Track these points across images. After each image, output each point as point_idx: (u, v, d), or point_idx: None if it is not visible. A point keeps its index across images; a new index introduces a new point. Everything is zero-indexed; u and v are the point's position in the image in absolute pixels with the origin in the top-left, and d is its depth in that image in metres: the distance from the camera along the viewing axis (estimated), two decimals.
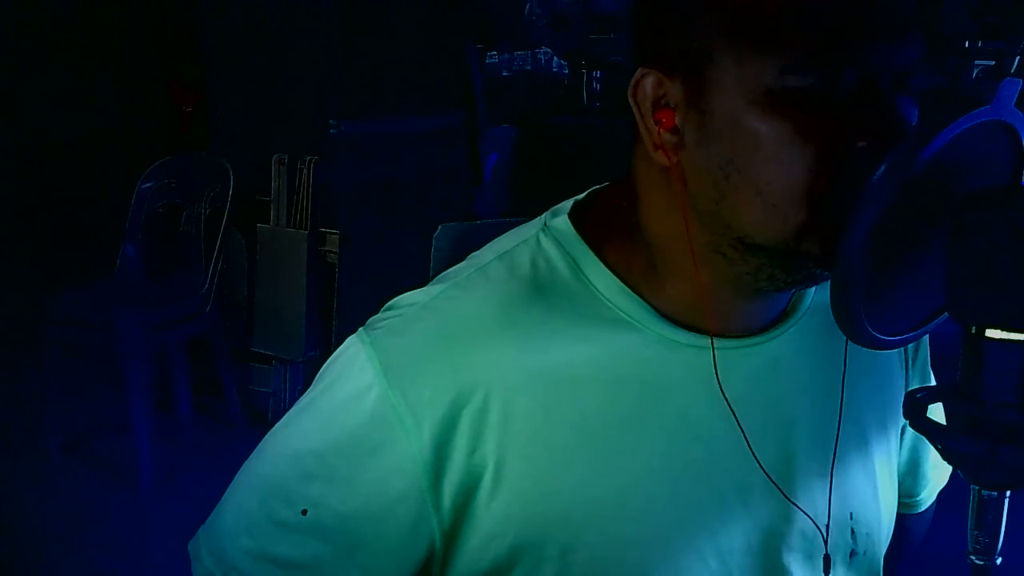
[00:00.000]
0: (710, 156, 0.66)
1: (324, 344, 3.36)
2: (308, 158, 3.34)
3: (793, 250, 0.65)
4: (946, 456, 0.62)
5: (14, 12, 3.78)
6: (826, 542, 0.77)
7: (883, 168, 0.59)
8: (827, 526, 0.77)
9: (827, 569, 0.78)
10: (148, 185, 3.46)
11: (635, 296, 0.72)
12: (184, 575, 0.76)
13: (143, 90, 4.11)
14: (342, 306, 3.41)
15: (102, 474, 3.17)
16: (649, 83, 0.68)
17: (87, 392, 3.31)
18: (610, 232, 0.74)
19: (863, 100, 0.62)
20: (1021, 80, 0.61)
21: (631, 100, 0.69)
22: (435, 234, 1.06)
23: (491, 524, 0.70)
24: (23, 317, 3.24)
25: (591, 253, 0.74)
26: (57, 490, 3.06)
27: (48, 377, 3.16)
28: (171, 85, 4.14)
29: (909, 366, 0.88)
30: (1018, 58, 4.44)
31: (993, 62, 4.61)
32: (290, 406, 0.77)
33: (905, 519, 0.95)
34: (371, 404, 0.69)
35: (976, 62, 4.65)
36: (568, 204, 0.78)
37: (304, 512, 0.70)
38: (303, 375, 3.37)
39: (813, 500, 0.77)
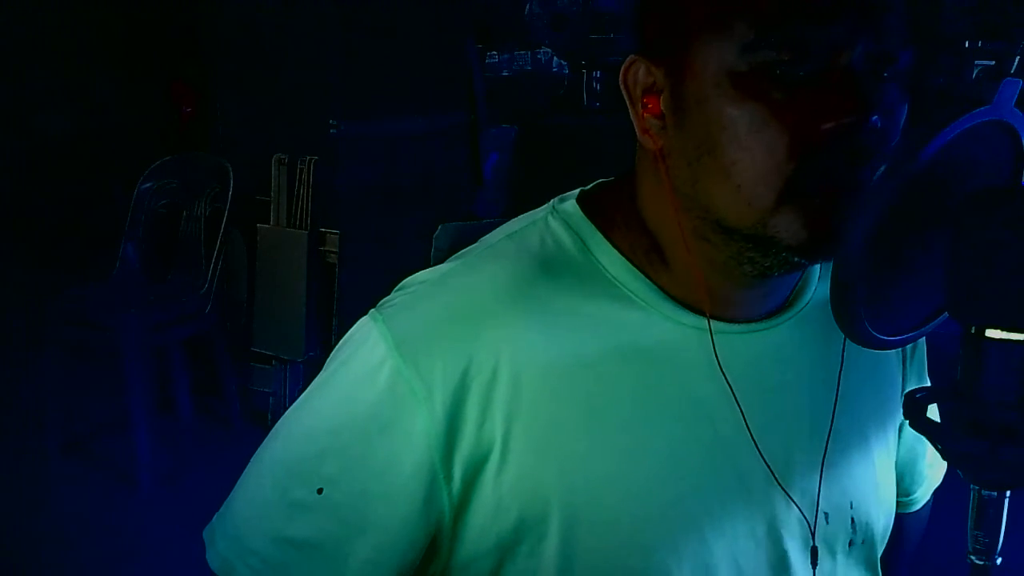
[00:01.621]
0: (685, 140, 0.67)
1: (324, 344, 3.36)
2: (308, 158, 3.34)
3: (762, 235, 0.66)
4: (946, 456, 0.62)
5: (14, 12, 3.78)
6: (813, 534, 0.78)
7: (883, 168, 0.59)
8: (815, 517, 0.78)
9: (815, 561, 0.78)
10: (148, 185, 3.46)
11: (641, 276, 0.74)
12: (184, 574, 0.76)
13: (143, 90, 4.12)
14: (342, 306, 3.41)
15: (102, 474, 3.17)
16: (640, 70, 0.70)
17: (87, 392, 3.31)
18: (615, 218, 0.76)
19: (827, 80, 0.63)
20: (1021, 80, 0.61)
21: (622, 86, 0.71)
22: (435, 234, 1.06)
23: (498, 499, 0.70)
24: (23, 317, 3.24)
25: (598, 233, 0.75)
26: (57, 490, 3.06)
27: (48, 377, 3.16)
28: (171, 85, 4.15)
29: (907, 365, 0.88)
30: (1018, 58, 4.44)
31: (993, 62, 4.61)
32: (290, 406, 0.77)
33: (901, 518, 0.96)
34: (385, 379, 0.69)
35: (976, 62, 4.65)
36: (575, 192, 0.79)
37: (320, 491, 0.70)
38: (303, 375, 3.37)
39: (810, 491, 0.78)
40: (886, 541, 0.86)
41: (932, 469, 0.96)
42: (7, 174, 3.71)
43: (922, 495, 0.97)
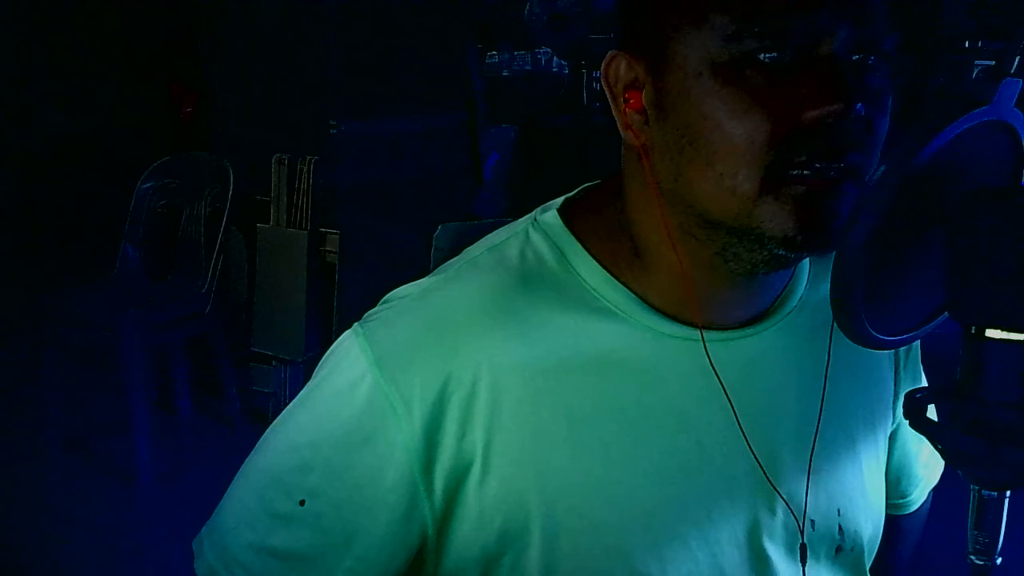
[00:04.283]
0: (667, 133, 0.67)
1: (324, 344, 3.35)
2: (308, 158, 3.34)
3: (747, 226, 0.65)
4: (946, 456, 0.62)
5: (14, 12, 3.78)
6: (802, 532, 0.78)
7: (883, 168, 0.59)
8: (803, 518, 0.78)
9: (803, 559, 0.78)
10: (148, 185, 3.45)
11: (621, 287, 0.73)
12: (184, 574, 0.76)
13: (143, 90, 4.11)
14: (342, 306, 3.41)
15: (102, 474, 3.17)
16: (621, 66, 0.70)
17: (87, 392, 3.31)
18: (598, 225, 0.76)
19: (809, 68, 0.62)
20: (1021, 80, 0.61)
21: (603, 83, 0.71)
22: (435, 234, 1.06)
23: (480, 510, 0.71)
24: (23, 317, 3.24)
25: (578, 245, 0.75)
26: (57, 490, 3.06)
27: (48, 377, 3.16)
28: (171, 86, 4.14)
29: (901, 367, 0.88)
30: (1018, 58, 4.43)
31: (993, 62, 4.60)
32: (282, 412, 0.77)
33: (899, 519, 0.96)
34: (364, 394, 0.70)
35: (976, 62, 4.65)
36: (559, 201, 0.79)
37: (302, 503, 0.71)
38: (303, 375, 3.37)
39: (797, 495, 0.78)
40: (875, 549, 0.86)
41: (927, 469, 0.95)
42: (8, 174, 3.71)
43: (918, 496, 0.97)
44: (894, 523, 0.93)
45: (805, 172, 0.63)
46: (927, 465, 0.95)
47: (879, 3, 0.64)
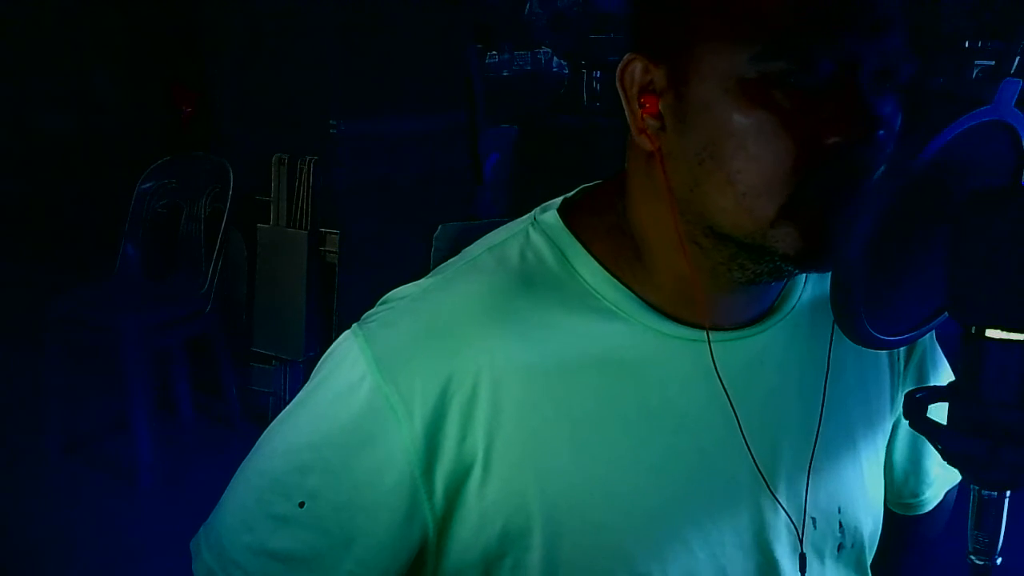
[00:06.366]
0: (686, 142, 0.67)
1: (324, 344, 3.34)
2: (308, 158, 3.34)
3: (759, 244, 0.66)
4: (946, 456, 0.62)
5: (14, 12, 3.78)
6: (801, 540, 0.78)
7: (883, 168, 0.59)
8: (803, 521, 0.78)
9: (803, 567, 0.78)
10: (148, 185, 3.45)
11: (622, 287, 0.73)
12: (184, 574, 0.76)
13: (143, 91, 4.12)
14: (342, 306, 3.41)
15: (102, 474, 3.17)
16: (637, 69, 0.69)
17: (87, 392, 3.31)
18: (598, 226, 0.75)
19: (835, 93, 0.62)
20: (1021, 80, 0.61)
21: (618, 85, 0.70)
22: (435, 234, 1.06)
23: (482, 512, 0.70)
24: (23, 317, 3.24)
25: (579, 245, 0.74)
26: (57, 490, 3.06)
27: (48, 377, 3.16)
28: (171, 86, 4.15)
29: (899, 363, 0.87)
30: (1018, 58, 4.44)
31: (993, 62, 4.60)
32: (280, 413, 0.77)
33: (912, 520, 0.94)
34: (364, 395, 0.70)
35: (976, 62, 4.65)
36: (558, 201, 0.79)
37: (301, 504, 0.71)
38: (303, 375, 3.37)
39: (798, 495, 0.78)
40: (876, 544, 0.86)
41: (944, 468, 0.91)
42: (7, 174, 3.71)
43: (933, 496, 0.94)
44: (907, 523, 0.92)
45: (821, 198, 0.63)
46: (944, 463, 0.93)
47: (901, 33, 0.64)
